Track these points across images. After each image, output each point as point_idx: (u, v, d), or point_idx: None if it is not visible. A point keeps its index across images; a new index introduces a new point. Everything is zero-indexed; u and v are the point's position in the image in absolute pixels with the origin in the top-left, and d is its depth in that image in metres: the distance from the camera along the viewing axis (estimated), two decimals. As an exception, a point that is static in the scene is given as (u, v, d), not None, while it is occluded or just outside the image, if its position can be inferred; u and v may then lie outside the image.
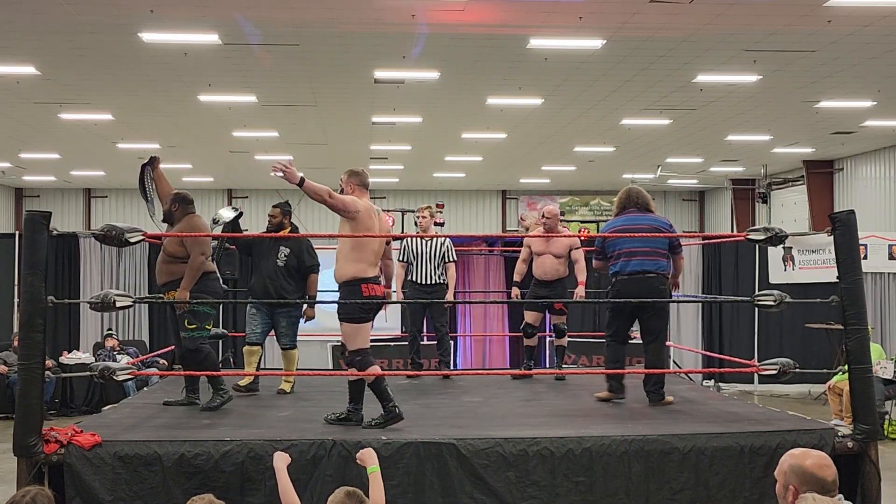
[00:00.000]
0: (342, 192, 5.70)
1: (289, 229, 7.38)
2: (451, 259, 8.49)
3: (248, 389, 7.14)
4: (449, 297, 8.41)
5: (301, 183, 5.27)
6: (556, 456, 4.99)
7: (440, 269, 8.39)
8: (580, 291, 8.10)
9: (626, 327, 6.78)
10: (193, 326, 6.28)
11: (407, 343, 8.77)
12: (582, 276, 8.13)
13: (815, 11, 9.85)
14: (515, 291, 8.57)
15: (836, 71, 12.52)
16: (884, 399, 9.89)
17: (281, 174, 5.29)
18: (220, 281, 6.68)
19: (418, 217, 8.69)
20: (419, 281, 8.38)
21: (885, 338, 13.41)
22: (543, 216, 8.25)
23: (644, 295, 6.37)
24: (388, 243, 6.73)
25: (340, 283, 5.63)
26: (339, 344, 13.83)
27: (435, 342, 8.74)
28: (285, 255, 7.23)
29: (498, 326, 15.45)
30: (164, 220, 6.64)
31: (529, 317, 8.40)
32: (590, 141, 18.79)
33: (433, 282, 8.36)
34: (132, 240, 5.25)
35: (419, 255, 8.38)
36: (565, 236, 8.26)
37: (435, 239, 8.45)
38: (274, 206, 7.45)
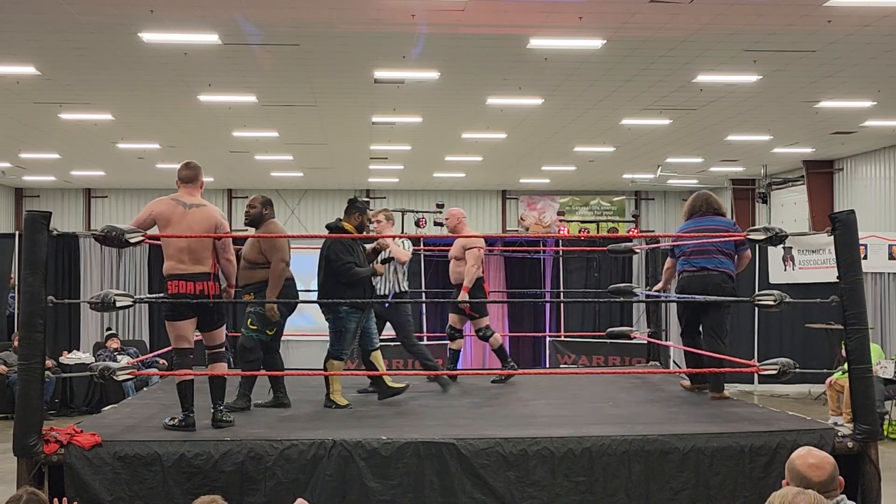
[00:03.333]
0: None
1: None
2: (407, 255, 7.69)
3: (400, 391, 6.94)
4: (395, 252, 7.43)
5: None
6: (556, 456, 4.99)
7: (402, 274, 7.66)
8: (462, 296, 7.68)
9: (694, 322, 7.03)
10: (255, 328, 6.45)
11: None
12: (467, 278, 7.69)
13: (815, 11, 9.84)
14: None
15: (836, 71, 12.52)
16: (884, 399, 9.90)
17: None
18: (296, 285, 6.69)
19: (373, 222, 7.72)
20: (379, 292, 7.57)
21: (885, 338, 13.40)
22: (446, 218, 7.98)
23: (704, 290, 6.64)
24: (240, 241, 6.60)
25: None
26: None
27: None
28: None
29: (497, 327, 15.43)
30: (247, 224, 6.75)
31: (451, 319, 8.16)
32: (590, 141, 18.78)
33: (386, 291, 7.62)
34: (132, 240, 5.25)
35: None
36: (464, 236, 7.87)
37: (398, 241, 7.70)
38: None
